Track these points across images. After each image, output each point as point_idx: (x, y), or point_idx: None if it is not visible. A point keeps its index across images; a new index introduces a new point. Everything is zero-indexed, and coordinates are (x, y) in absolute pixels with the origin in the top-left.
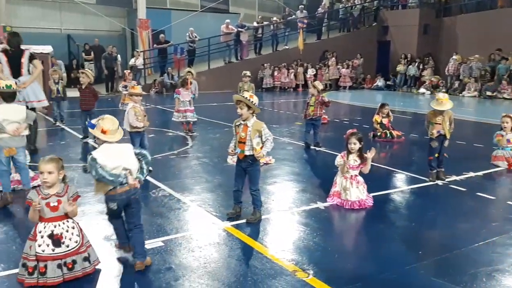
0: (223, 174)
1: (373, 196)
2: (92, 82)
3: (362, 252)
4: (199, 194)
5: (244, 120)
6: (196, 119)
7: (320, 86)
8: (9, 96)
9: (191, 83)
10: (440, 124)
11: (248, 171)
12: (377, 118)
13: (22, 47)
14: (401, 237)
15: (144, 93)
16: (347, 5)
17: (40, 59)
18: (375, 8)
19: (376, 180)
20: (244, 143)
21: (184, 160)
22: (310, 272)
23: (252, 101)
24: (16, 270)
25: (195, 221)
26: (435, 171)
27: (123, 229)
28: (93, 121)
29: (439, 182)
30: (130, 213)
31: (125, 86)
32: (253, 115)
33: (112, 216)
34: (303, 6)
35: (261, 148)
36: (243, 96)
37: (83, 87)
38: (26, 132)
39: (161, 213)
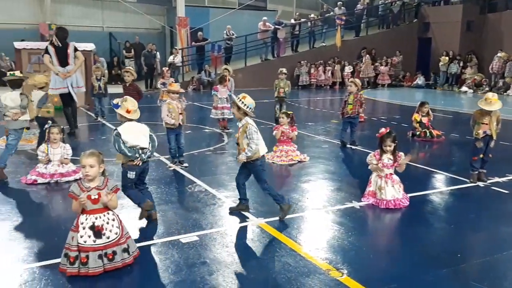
0: None
1: (410, 196)
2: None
3: (397, 253)
4: (234, 190)
5: (238, 121)
6: (232, 116)
7: (359, 84)
8: (14, 83)
9: (228, 80)
10: (487, 124)
11: (251, 171)
12: (416, 117)
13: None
14: (439, 239)
15: (182, 90)
16: (387, 1)
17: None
18: (416, 4)
19: (414, 180)
20: (238, 144)
21: (220, 156)
22: (344, 271)
23: (243, 102)
24: (57, 260)
25: (230, 217)
26: (476, 172)
27: (137, 192)
28: (115, 101)
29: (480, 184)
30: (141, 179)
31: (164, 83)
32: (245, 116)
33: (128, 186)
34: (341, 3)
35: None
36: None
37: (127, 84)
38: (23, 118)
39: (196, 208)
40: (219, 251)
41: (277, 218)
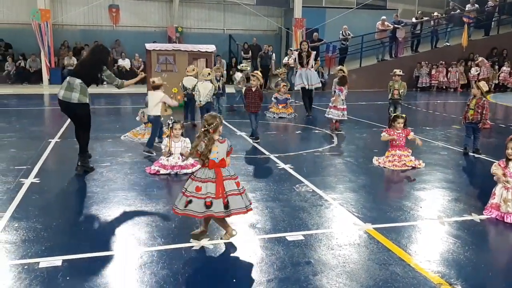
0: (367, 175)
1: None
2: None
3: None
4: (341, 193)
5: None
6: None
7: (485, 88)
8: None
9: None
10: None
11: None
12: None
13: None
14: None
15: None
16: None
17: (204, 57)
18: None
19: None
20: None
21: (329, 158)
22: (458, 287)
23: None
24: (173, 246)
25: (336, 220)
26: None
27: None
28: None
29: None
30: None
31: (276, 98)
32: None
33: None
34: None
35: None
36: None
37: (254, 89)
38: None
39: (303, 208)
40: (324, 252)
41: (387, 225)
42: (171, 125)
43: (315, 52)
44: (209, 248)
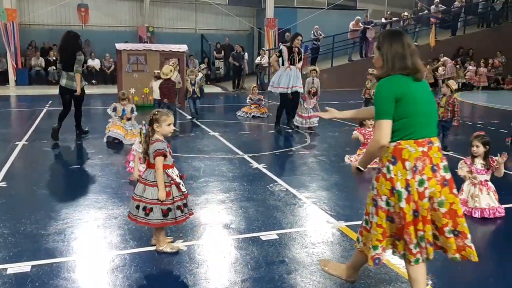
0: (340, 173)
1: (505, 208)
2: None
3: (488, 267)
4: (314, 192)
5: None
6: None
7: (454, 86)
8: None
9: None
10: None
11: None
12: None
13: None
14: None
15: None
16: None
17: (176, 57)
18: None
19: (510, 190)
20: None
21: (302, 157)
22: (429, 282)
23: None
24: (148, 248)
25: (310, 218)
26: None
27: None
28: None
29: None
30: None
31: (251, 99)
32: None
33: None
34: (438, 1)
35: None
36: None
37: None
38: None
39: (277, 207)
40: (298, 251)
41: (359, 222)
42: (143, 130)
43: (303, 50)
44: (182, 250)
